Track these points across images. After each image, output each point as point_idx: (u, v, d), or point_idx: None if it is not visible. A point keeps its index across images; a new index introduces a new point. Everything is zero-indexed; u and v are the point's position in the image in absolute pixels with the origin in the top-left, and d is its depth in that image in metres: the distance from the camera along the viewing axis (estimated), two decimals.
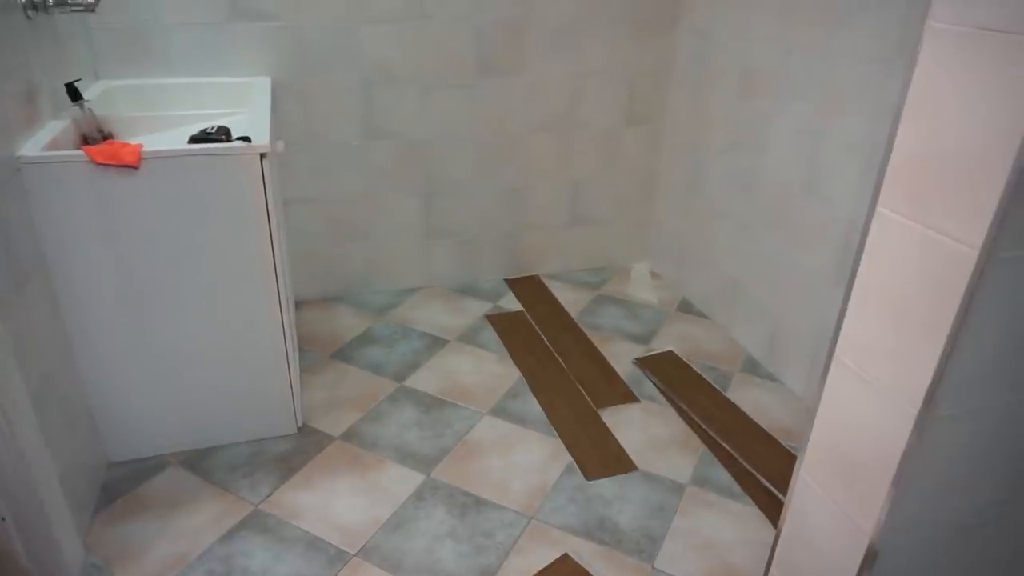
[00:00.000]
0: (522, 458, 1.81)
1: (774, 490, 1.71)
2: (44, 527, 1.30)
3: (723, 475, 1.77)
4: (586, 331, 2.40)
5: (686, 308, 2.58)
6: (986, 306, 0.86)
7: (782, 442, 1.89)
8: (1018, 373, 0.95)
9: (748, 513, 1.65)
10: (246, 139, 1.57)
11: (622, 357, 2.25)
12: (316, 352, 2.23)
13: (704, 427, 1.93)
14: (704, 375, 2.17)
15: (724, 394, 2.08)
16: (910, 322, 0.92)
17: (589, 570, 1.49)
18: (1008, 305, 0.87)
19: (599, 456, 1.82)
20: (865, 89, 1.74)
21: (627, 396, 2.06)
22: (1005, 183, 0.78)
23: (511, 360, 2.22)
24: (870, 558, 1.04)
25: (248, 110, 1.82)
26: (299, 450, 1.81)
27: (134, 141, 1.54)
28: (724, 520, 1.63)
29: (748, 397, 2.08)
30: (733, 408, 2.02)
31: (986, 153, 0.79)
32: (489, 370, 2.17)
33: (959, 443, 0.98)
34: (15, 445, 1.21)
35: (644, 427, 1.93)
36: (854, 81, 1.77)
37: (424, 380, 2.11)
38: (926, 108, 0.86)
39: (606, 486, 1.72)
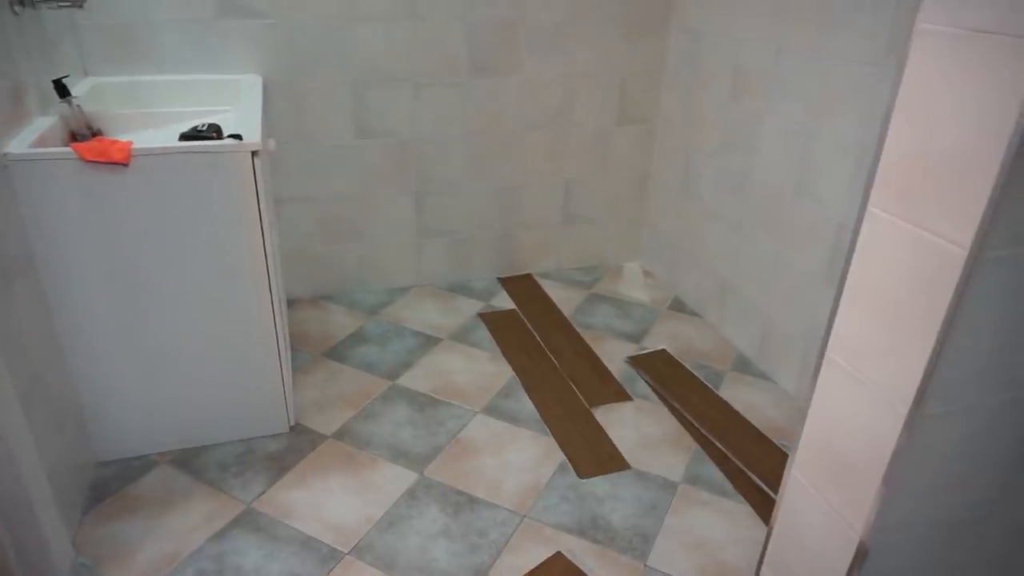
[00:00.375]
0: (515, 457, 1.81)
1: (766, 488, 1.72)
2: (33, 527, 1.29)
3: (715, 473, 1.77)
4: (579, 330, 2.40)
5: (678, 307, 2.59)
6: (976, 305, 0.86)
7: (774, 440, 1.90)
8: (1008, 371, 0.96)
9: (740, 511, 1.66)
10: (237, 137, 1.56)
11: (615, 356, 2.26)
12: (308, 351, 2.22)
13: (696, 425, 1.94)
14: (696, 374, 2.18)
15: (716, 392, 2.09)
16: (901, 321, 0.92)
17: (582, 568, 1.49)
18: (998, 304, 0.88)
19: (592, 454, 1.82)
20: (856, 90, 1.74)
21: (620, 394, 2.07)
22: (994, 182, 0.78)
23: (504, 359, 2.22)
24: (860, 556, 1.04)
25: (239, 108, 1.81)
26: (291, 449, 1.80)
27: (124, 138, 1.52)
28: (716, 518, 1.64)
29: (740, 396, 2.08)
30: (725, 406, 2.03)
31: (975, 153, 0.80)
32: (482, 369, 2.17)
33: (950, 442, 0.98)
34: (3, 444, 1.20)
35: (637, 425, 1.94)
36: (845, 82, 1.77)
37: (417, 379, 2.10)
38: (916, 109, 0.87)
39: (599, 484, 1.72)
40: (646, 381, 2.14)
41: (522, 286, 2.69)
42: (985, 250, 0.82)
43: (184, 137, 1.59)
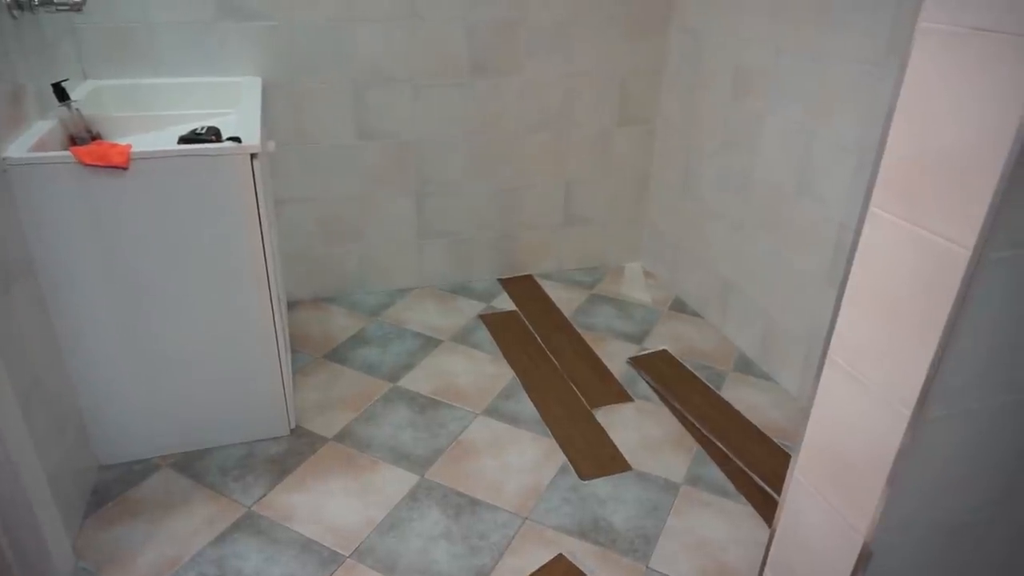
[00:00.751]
0: (516, 458, 1.80)
1: (768, 489, 1.72)
2: (33, 531, 1.29)
3: (717, 474, 1.77)
4: (580, 331, 2.39)
5: (679, 307, 2.59)
6: (979, 306, 0.86)
7: (776, 441, 1.89)
8: (1011, 373, 0.95)
9: (742, 512, 1.66)
10: (236, 139, 1.56)
11: (616, 356, 2.25)
12: (309, 353, 2.22)
13: (698, 426, 1.93)
14: (698, 374, 2.17)
15: (718, 393, 2.08)
16: (903, 322, 0.92)
17: (583, 570, 1.49)
18: (1001, 305, 0.87)
19: (593, 456, 1.82)
20: (856, 89, 1.74)
21: (621, 395, 2.06)
22: (997, 183, 0.78)
23: (505, 360, 2.22)
24: (864, 558, 1.04)
25: (238, 110, 1.80)
26: (292, 451, 1.80)
27: (123, 142, 1.52)
28: (718, 519, 1.63)
29: (742, 396, 2.08)
30: (727, 407, 2.02)
31: (978, 153, 0.79)
32: (483, 370, 2.16)
33: (953, 443, 0.98)
34: (3, 448, 1.20)
35: (638, 426, 1.93)
36: (845, 81, 1.77)
37: (418, 380, 2.10)
38: (918, 108, 0.86)
39: (600, 486, 1.72)
40: (647, 382, 2.13)
41: (523, 287, 2.69)
42: (988, 251, 0.81)
43: (183, 140, 1.59)
